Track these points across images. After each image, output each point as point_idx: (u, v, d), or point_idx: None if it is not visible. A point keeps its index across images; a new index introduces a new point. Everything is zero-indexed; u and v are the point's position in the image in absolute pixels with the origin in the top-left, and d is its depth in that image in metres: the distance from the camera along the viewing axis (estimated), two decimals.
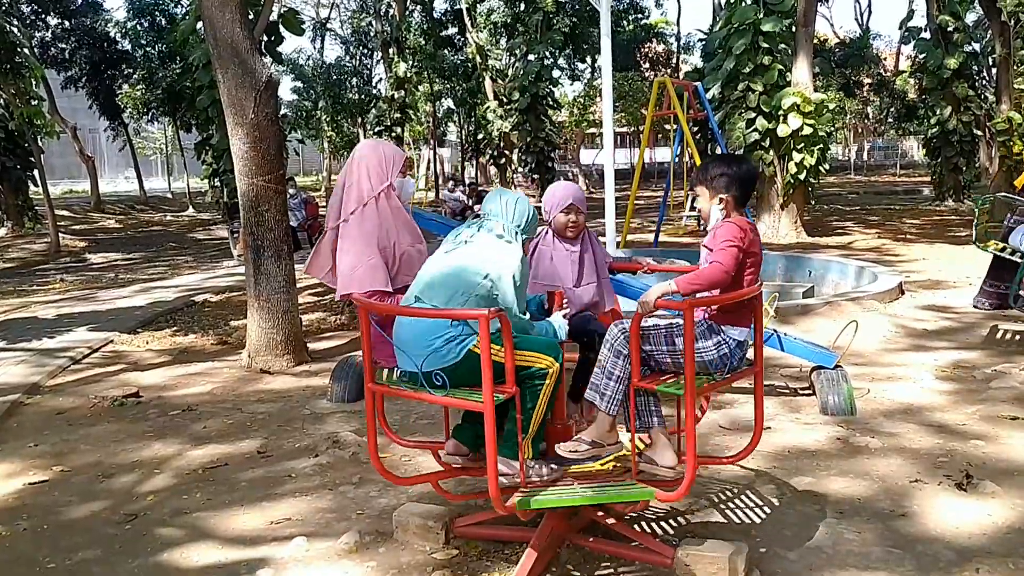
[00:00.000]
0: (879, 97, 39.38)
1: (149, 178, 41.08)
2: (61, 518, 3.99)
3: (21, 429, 5.48)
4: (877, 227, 16.67)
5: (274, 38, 10.92)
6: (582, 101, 43.76)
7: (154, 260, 16.02)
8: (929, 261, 11.68)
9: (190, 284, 11.90)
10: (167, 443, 5.03)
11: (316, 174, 51.71)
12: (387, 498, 4.03)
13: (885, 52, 43.46)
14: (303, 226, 15.12)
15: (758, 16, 15.20)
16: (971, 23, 24.20)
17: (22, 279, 13.62)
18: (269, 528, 3.78)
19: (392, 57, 27.41)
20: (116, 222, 26.17)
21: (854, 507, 3.76)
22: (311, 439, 4.99)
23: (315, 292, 10.60)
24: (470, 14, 30.34)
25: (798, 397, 5.52)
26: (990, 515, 3.63)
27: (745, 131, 15.41)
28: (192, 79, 19.32)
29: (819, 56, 29.16)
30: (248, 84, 6.42)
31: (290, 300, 6.88)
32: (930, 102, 21.56)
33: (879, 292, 8.38)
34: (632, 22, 37.42)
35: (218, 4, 6.33)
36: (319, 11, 40.78)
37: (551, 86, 27.67)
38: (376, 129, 29.07)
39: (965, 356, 6.47)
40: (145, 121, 34.72)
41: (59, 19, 27.51)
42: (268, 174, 6.61)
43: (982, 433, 4.67)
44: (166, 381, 6.55)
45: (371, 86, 37.33)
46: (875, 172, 42.22)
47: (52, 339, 8.09)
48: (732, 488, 3.99)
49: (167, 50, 26.74)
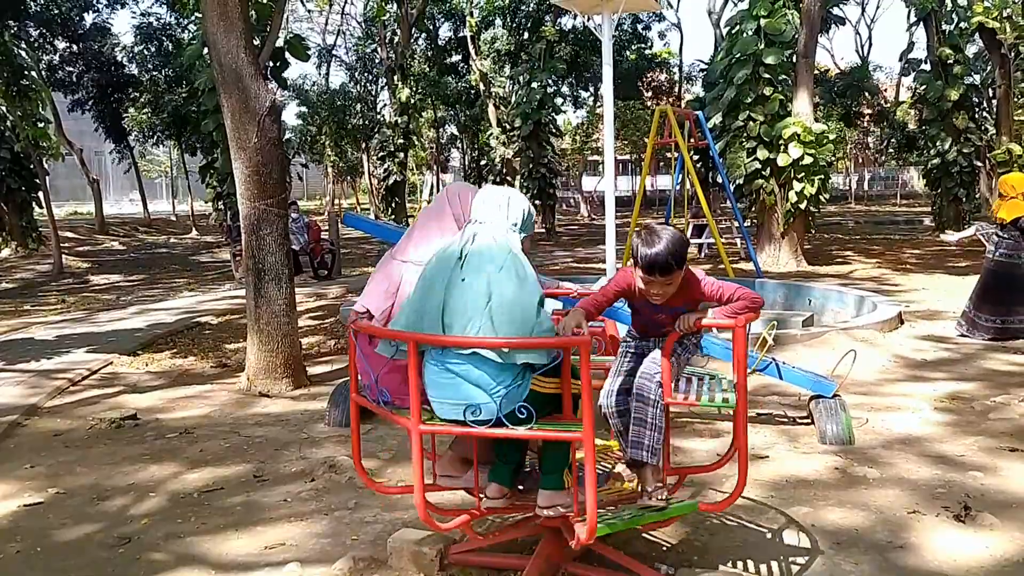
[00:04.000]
0: (879, 127, 39.62)
1: (153, 200, 41.34)
2: (54, 540, 3.97)
3: (18, 450, 5.46)
4: (877, 256, 16.70)
5: (280, 63, 11.05)
6: (584, 128, 44.07)
7: (156, 282, 16.04)
8: (929, 291, 11.68)
9: (190, 306, 11.91)
10: (163, 466, 5.01)
11: (320, 198, 51.95)
12: (382, 524, 4.01)
13: (885, 83, 43.78)
14: (305, 249, 15.19)
15: (759, 47, 15.36)
16: (971, 55, 24.38)
17: (24, 299, 13.65)
18: (263, 553, 3.76)
19: (396, 83, 27.65)
20: (120, 244, 26.29)
21: (851, 538, 3.74)
22: (307, 463, 4.98)
23: (315, 316, 10.61)
24: (474, 42, 30.65)
25: (796, 426, 5.50)
26: (988, 547, 3.61)
27: (746, 160, 15.51)
28: (198, 103, 19.53)
29: (820, 86, 29.39)
30: (251, 109, 6.48)
31: (290, 323, 6.89)
32: (930, 133, 21.70)
33: (878, 322, 8.37)
34: (635, 52, 37.77)
35: (223, 30, 6.41)
36: (325, 38, 41.25)
37: (553, 113, 27.85)
38: (380, 154, 29.25)
39: (964, 387, 6.45)
40: (150, 144, 35.06)
41: (67, 43, 27.84)
42: (270, 198, 6.65)
43: (981, 464, 4.65)
44: (164, 403, 6.54)
45: (375, 112, 37.65)
46: (875, 202, 42.37)
47: (51, 360, 8.09)
48: (728, 517, 3.97)
49: (173, 74, 27.09)
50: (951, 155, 20.76)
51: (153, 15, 28.56)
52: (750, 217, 17.22)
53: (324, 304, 11.75)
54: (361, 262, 18.62)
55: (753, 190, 15.68)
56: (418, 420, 2.81)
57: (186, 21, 26.06)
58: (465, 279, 2.89)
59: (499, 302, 2.82)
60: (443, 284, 2.92)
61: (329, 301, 12.18)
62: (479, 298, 2.84)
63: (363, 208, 43.63)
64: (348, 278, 15.00)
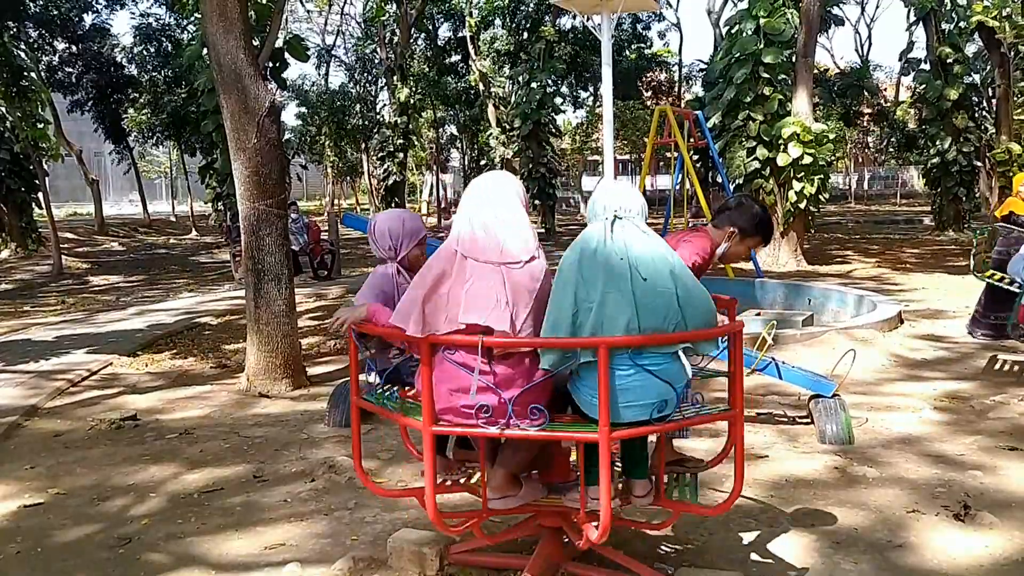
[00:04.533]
0: (879, 127, 39.62)
1: (153, 201, 41.37)
2: (55, 541, 3.97)
3: (18, 451, 5.47)
4: (877, 256, 16.70)
5: (279, 64, 11.06)
6: (584, 128, 44.08)
7: (156, 283, 16.05)
8: (928, 290, 11.68)
9: (190, 307, 11.91)
10: (163, 466, 5.02)
11: (319, 198, 51.96)
12: (382, 524, 4.01)
13: (885, 83, 43.81)
14: (304, 250, 15.19)
15: (759, 47, 15.36)
16: (971, 55, 24.38)
17: (24, 300, 13.65)
18: (263, 553, 3.76)
19: (396, 84, 27.67)
20: (119, 244, 26.29)
21: (851, 537, 3.74)
22: (307, 464, 4.98)
23: (314, 316, 10.61)
24: (473, 42, 30.66)
25: (796, 426, 5.50)
26: (987, 547, 3.61)
27: (745, 160, 15.50)
28: (197, 104, 19.53)
29: (819, 86, 29.39)
30: (251, 110, 6.48)
31: (290, 324, 6.89)
32: (930, 132, 21.70)
33: (878, 321, 8.37)
34: (634, 51, 37.78)
35: (222, 31, 6.41)
36: (324, 38, 41.28)
37: (553, 113, 27.86)
38: (379, 155, 29.27)
39: (963, 386, 6.46)
40: (150, 145, 35.06)
41: (66, 44, 27.85)
42: (269, 198, 6.65)
43: (980, 464, 4.66)
44: (164, 404, 6.54)
45: (375, 112, 37.67)
46: (875, 201, 42.36)
47: (51, 361, 8.10)
48: (728, 517, 3.97)
49: (173, 75, 27.10)
50: (951, 154, 20.77)
51: (152, 16, 28.58)
52: None
53: (324, 305, 11.75)
54: (361, 262, 18.61)
55: (753, 190, 15.66)
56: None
57: (185, 22, 26.08)
58: (647, 279, 2.76)
59: (686, 296, 2.80)
60: (614, 284, 2.75)
61: (329, 302, 12.19)
62: (668, 294, 2.77)
63: (363, 208, 43.64)
64: (348, 278, 15.00)
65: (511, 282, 2.81)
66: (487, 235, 2.87)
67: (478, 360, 2.73)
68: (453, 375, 2.81)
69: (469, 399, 2.76)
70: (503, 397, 2.75)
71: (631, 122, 37.75)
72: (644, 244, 2.83)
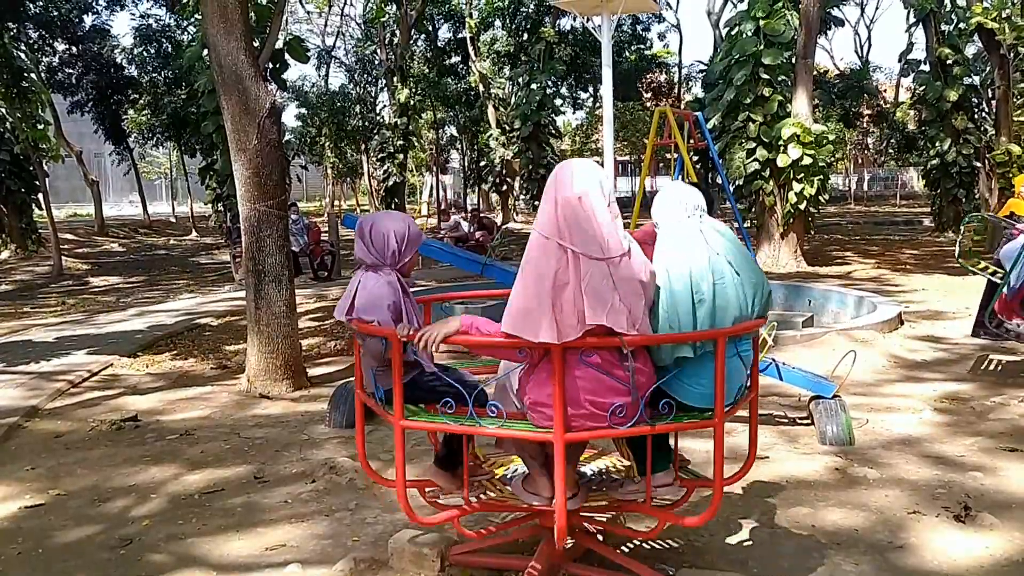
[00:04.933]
0: (879, 128, 39.65)
1: (153, 202, 41.35)
2: (55, 542, 3.98)
3: (19, 452, 5.47)
4: (876, 257, 16.70)
5: (279, 65, 11.06)
6: (584, 129, 44.09)
7: (156, 284, 16.04)
8: (928, 291, 11.69)
9: (190, 308, 11.91)
10: (163, 467, 5.02)
11: (319, 199, 51.95)
12: (383, 525, 4.01)
13: (885, 84, 43.83)
14: (305, 251, 15.19)
15: (758, 48, 15.37)
16: (970, 56, 24.37)
17: (24, 301, 13.65)
18: (264, 554, 3.76)
19: (396, 85, 27.66)
20: (120, 245, 26.28)
21: (851, 538, 3.74)
22: (308, 464, 4.98)
23: (315, 317, 10.62)
24: (473, 43, 30.67)
25: (796, 427, 5.51)
26: (988, 548, 3.61)
27: (745, 161, 15.51)
28: (197, 105, 19.51)
29: (819, 87, 29.41)
30: (251, 111, 6.48)
31: (290, 325, 6.90)
32: (930, 134, 21.71)
33: (878, 322, 8.37)
34: (634, 52, 37.80)
35: (222, 32, 6.41)
36: (324, 39, 41.28)
37: (553, 114, 27.90)
38: (379, 156, 29.26)
39: (963, 387, 6.46)
40: (150, 146, 35.04)
41: (66, 45, 27.84)
42: (270, 199, 6.65)
43: (980, 465, 4.66)
44: (164, 405, 6.54)
45: (375, 113, 37.64)
46: (875, 202, 42.34)
47: (51, 362, 8.10)
48: (729, 518, 3.97)
49: (173, 76, 27.09)
50: (950, 156, 20.76)
51: (152, 17, 28.60)
52: (749, 218, 17.20)
53: (324, 306, 11.74)
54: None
55: (752, 191, 15.68)
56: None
57: (185, 23, 26.09)
58: (739, 273, 2.97)
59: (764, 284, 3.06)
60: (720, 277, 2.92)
61: (329, 303, 12.18)
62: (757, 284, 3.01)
63: (363, 209, 43.62)
64: (348, 279, 14.98)
65: (617, 278, 2.76)
66: (588, 228, 2.77)
67: (630, 361, 2.75)
68: (592, 378, 2.78)
69: (615, 400, 2.78)
70: (636, 396, 2.79)
71: (631, 123, 37.79)
72: (723, 239, 3.03)
